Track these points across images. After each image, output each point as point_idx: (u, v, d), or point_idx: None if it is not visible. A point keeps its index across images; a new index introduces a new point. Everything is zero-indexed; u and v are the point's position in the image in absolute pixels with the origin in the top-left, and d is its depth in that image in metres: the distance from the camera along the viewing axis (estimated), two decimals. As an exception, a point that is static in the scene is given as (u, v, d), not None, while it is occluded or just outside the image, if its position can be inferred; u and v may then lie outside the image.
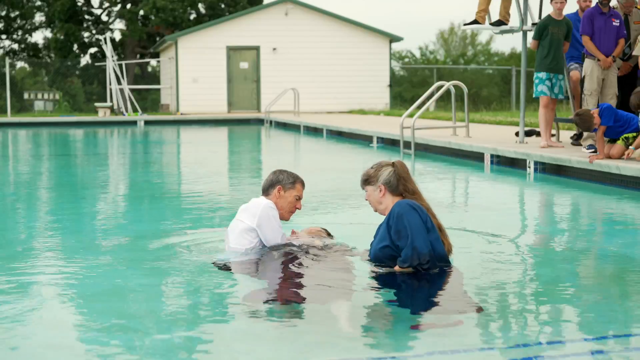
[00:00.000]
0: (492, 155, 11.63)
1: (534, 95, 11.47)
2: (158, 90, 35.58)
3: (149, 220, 7.34)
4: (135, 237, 6.30)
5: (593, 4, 11.01)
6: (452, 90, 15.15)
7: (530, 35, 11.73)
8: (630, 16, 10.69)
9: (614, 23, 10.53)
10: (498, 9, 12.30)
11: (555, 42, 11.01)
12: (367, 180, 4.89)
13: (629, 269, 5.19)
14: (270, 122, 24.95)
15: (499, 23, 12.30)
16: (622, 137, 9.50)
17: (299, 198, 5.27)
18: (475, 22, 12.33)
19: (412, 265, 4.57)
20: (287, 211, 5.25)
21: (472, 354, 3.52)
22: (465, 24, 12.71)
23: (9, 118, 27.18)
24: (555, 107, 12.35)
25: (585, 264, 5.38)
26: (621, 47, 10.59)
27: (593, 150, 10.23)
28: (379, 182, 4.83)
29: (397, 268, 4.64)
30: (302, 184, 5.33)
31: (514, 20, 12.38)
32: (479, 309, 4.11)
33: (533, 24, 11.83)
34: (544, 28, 11.07)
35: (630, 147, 9.33)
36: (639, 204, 8.03)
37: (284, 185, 5.23)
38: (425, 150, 13.67)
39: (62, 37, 36.66)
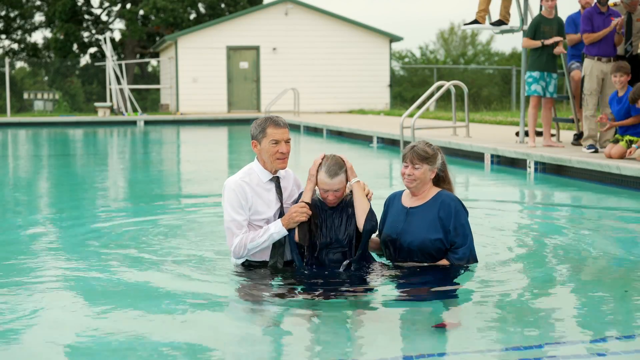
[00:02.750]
0: (492, 155, 11.62)
1: (525, 94, 11.45)
2: (158, 90, 35.58)
3: (149, 218, 7.32)
4: (135, 236, 6.29)
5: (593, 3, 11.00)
6: (452, 90, 15.14)
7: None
8: (634, 14, 10.67)
9: (612, 22, 10.49)
10: (498, 9, 12.29)
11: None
12: (427, 159, 4.69)
13: (628, 269, 5.17)
14: (270, 122, 24.89)
15: (499, 23, 12.29)
16: (626, 138, 9.49)
17: (276, 142, 4.67)
18: (475, 22, 12.32)
19: (465, 264, 4.71)
20: (273, 161, 4.72)
21: (471, 355, 3.51)
22: (465, 24, 12.70)
23: (8, 118, 27.17)
24: (555, 107, 12.34)
25: (585, 264, 5.37)
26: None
27: (593, 150, 10.22)
28: (436, 165, 4.75)
29: (444, 261, 4.72)
30: (275, 124, 4.70)
31: (514, 20, 12.37)
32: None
33: (533, 24, 11.82)
34: (535, 27, 11.06)
35: (634, 145, 9.32)
36: (639, 204, 8.02)
37: (255, 137, 4.74)
38: (425, 150, 13.63)
39: (61, 37, 36.65)
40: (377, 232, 4.92)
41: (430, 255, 4.72)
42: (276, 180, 4.83)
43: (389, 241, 4.82)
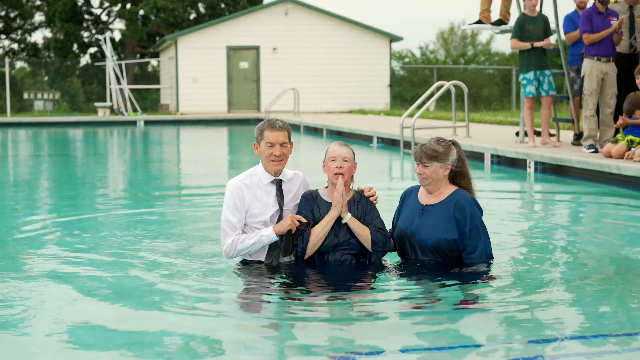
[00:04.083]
0: (492, 155, 11.62)
1: (523, 96, 11.46)
2: (158, 90, 35.58)
3: (148, 218, 7.32)
4: (133, 234, 6.29)
5: (589, 3, 10.99)
6: (452, 90, 15.14)
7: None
8: (635, 9, 10.66)
9: (611, 22, 10.49)
10: (498, 9, 12.29)
11: (534, 39, 10.99)
12: (436, 157, 4.72)
13: (628, 269, 5.17)
14: (270, 122, 24.89)
15: (499, 22, 12.29)
16: (628, 138, 9.48)
17: (271, 144, 4.74)
18: (479, 22, 12.34)
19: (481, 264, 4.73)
20: (268, 162, 4.79)
21: (471, 353, 3.51)
22: (469, 24, 12.68)
23: (8, 118, 27.18)
24: (555, 107, 12.33)
25: (585, 264, 5.37)
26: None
27: (593, 150, 10.22)
28: (448, 162, 4.76)
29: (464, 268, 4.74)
30: (271, 127, 4.76)
31: (514, 20, 12.35)
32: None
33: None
34: (520, 26, 11.06)
35: (633, 148, 9.32)
36: (639, 204, 8.02)
37: (256, 139, 4.84)
38: (425, 150, 13.63)
39: (62, 37, 36.65)
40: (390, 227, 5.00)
41: (444, 253, 4.74)
42: (277, 183, 4.84)
43: (404, 237, 4.84)
